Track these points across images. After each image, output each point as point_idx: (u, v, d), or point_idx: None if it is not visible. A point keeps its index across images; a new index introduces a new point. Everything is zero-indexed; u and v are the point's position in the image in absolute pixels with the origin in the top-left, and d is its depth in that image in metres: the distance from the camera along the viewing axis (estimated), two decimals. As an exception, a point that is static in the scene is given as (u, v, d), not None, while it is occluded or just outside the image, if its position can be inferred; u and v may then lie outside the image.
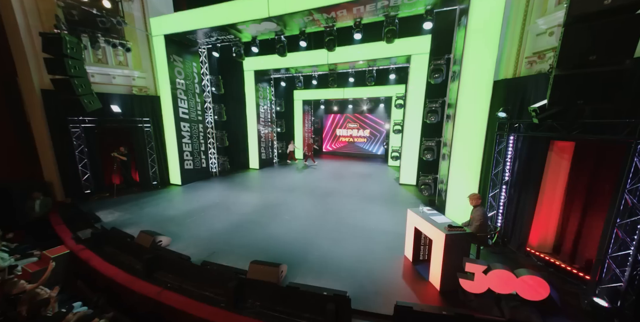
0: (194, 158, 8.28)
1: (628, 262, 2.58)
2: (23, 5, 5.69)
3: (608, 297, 2.69)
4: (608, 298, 2.69)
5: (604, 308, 2.67)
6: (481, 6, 4.25)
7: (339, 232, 4.67)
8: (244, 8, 5.88)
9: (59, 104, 6.03)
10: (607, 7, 2.15)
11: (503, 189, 4.14)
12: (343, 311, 2.71)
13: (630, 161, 2.55)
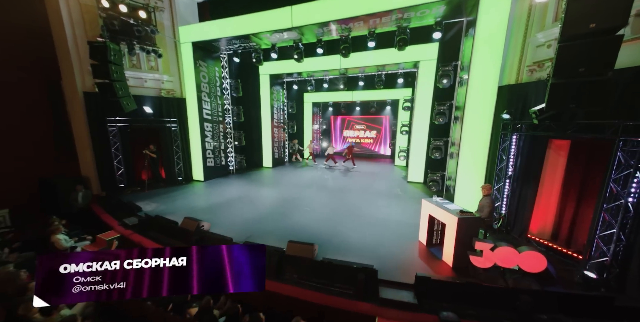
0: (215, 156, 8.84)
1: (612, 240, 3.06)
2: (71, 17, 6.30)
3: (596, 270, 3.17)
4: (596, 271, 3.17)
5: (593, 279, 3.15)
6: (488, 19, 4.77)
7: (356, 222, 5.16)
8: (269, 19, 6.46)
9: (99, 105, 6.62)
10: (592, 30, 2.67)
11: (507, 182, 4.63)
12: (371, 280, 3.21)
13: (614, 155, 3.05)
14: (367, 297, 3.10)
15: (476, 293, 3.03)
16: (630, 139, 2.94)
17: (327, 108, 15.39)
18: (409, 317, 2.83)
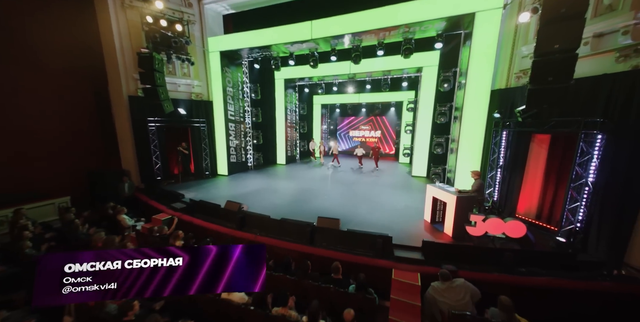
0: (237, 153, 9.75)
1: (577, 211, 3.90)
2: (119, 31, 7.26)
3: (566, 236, 4.01)
4: (566, 237, 4.00)
5: (563, 243, 3.98)
6: (482, 34, 5.64)
7: (370, 207, 6.01)
8: (291, 32, 7.37)
9: (141, 107, 7.54)
10: (557, 49, 3.53)
11: (498, 171, 5.47)
12: (387, 244, 4.06)
13: (578, 145, 3.90)
14: (385, 256, 3.95)
15: (470, 253, 3.88)
16: (589, 132, 3.79)
17: (334, 109, 16.28)
18: (418, 268, 3.67)
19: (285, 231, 4.69)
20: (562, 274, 3.46)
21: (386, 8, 6.31)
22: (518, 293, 3.04)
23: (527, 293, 3.23)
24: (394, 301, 3.32)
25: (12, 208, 5.33)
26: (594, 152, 3.76)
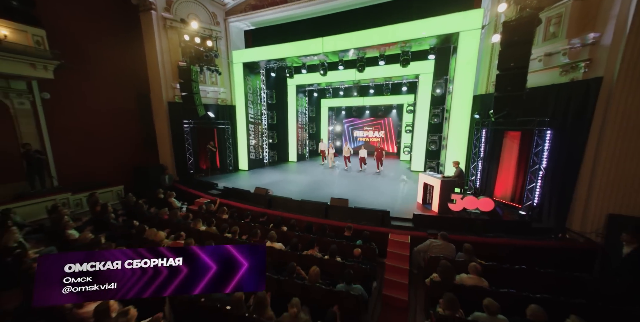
0: (255, 151, 11.05)
1: (534, 190, 5.02)
2: (161, 47, 8.65)
3: (526, 210, 5.13)
4: (526, 211, 5.12)
5: (524, 215, 5.10)
6: (465, 49, 6.79)
7: (373, 193, 7.18)
8: (305, 46, 8.66)
9: (178, 111, 8.91)
10: (513, 66, 4.69)
11: (479, 162, 6.60)
12: (386, 217, 5.24)
13: (533, 138, 5.03)
14: (384, 225, 5.13)
15: (450, 223, 5.03)
16: (541, 128, 4.92)
17: (340, 112, 17.52)
18: (408, 233, 4.84)
19: (304, 209, 5.91)
20: (519, 236, 4.58)
21: (386, 27, 7.53)
22: (485, 250, 4.15)
23: (493, 250, 4.34)
24: (390, 253, 4.51)
25: (86, 193, 6.70)
26: (545, 144, 4.89)
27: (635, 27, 3.76)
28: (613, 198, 4.22)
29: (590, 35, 4.21)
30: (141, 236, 4.45)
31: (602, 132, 4.18)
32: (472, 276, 3.28)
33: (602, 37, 4.17)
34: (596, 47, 4.26)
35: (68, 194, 6.63)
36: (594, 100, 4.22)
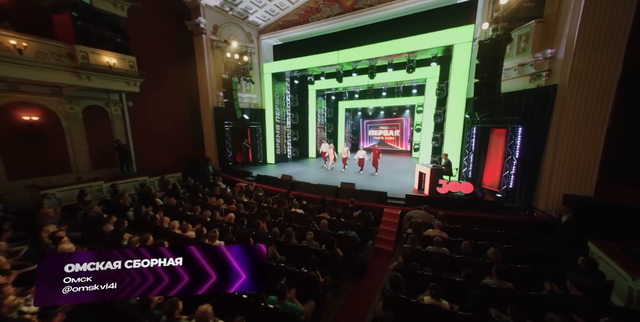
0: (280, 147, 12.92)
1: (509, 177, 6.09)
2: (209, 63, 10.82)
3: (504, 194, 6.20)
4: (503, 194, 6.20)
5: (499, 197, 6.18)
6: (459, 58, 7.89)
7: (378, 182, 8.54)
8: (323, 58, 10.26)
9: (221, 114, 11.02)
10: (486, 76, 5.85)
11: (471, 155, 7.67)
12: (383, 196, 6.63)
13: (508, 134, 6.10)
14: (381, 202, 6.53)
15: (435, 201, 6.28)
16: (514, 126, 5.99)
17: (357, 113, 18.87)
18: (400, 208, 6.19)
19: (320, 190, 7.49)
20: (492, 213, 5.72)
21: (392, 41, 8.86)
22: (463, 223, 5.31)
23: (469, 222, 5.48)
24: (384, 221, 5.93)
25: (159, 176, 8.97)
26: (517, 138, 5.95)
27: (579, 44, 4.80)
28: (567, 181, 5.24)
29: (548, 51, 5.26)
30: (205, 202, 6.38)
31: (559, 128, 5.21)
32: (435, 230, 4.62)
33: (557, 52, 5.21)
34: (554, 60, 5.30)
35: (145, 176, 8.92)
36: (552, 102, 5.26)
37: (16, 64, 6.21)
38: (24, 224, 5.35)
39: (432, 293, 2.75)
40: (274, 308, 2.67)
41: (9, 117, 7.02)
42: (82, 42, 7.40)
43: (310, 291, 3.34)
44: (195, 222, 4.96)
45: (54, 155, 7.83)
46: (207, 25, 10.52)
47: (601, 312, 2.39)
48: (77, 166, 8.25)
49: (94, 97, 8.55)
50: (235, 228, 4.70)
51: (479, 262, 3.59)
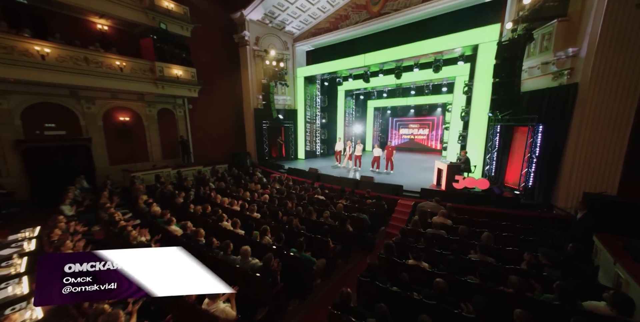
0: (310, 144, 14.10)
1: (529, 174, 6.16)
2: (251, 69, 12.45)
3: (523, 190, 6.29)
4: (522, 191, 6.28)
5: (517, 194, 6.28)
6: (483, 57, 7.91)
7: (399, 178, 9.04)
8: (351, 61, 11.03)
9: (260, 114, 12.61)
10: (504, 76, 6.02)
11: (494, 153, 7.71)
12: (399, 189, 7.23)
13: (528, 132, 6.16)
14: (397, 194, 7.15)
15: (450, 195, 6.65)
16: (535, 124, 6.04)
17: (386, 111, 19.08)
18: (413, 200, 6.73)
19: (341, 182, 8.37)
20: (508, 208, 5.91)
21: (417, 43, 9.20)
22: (478, 216, 5.65)
23: (480, 216, 5.79)
24: (397, 211, 6.57)
25: (211, 166, 10.88)
26: (538, 136, 5.99)
27: (601, 42, 4.80)
28: (589, 179, 5.22)
29: (570, 50, 5.27)
30: (246, 187, 7.81)
31: (580, 126, 5.22)
32: (440, 217, 5.17)
33: (579, 50, 5.20)
34: (576, 59, 5.28)
35: (200, 166, 10.89)
36: (572, 101, 5.28)
37: (119, 78, 8.44)
38: (124, 196, 7.43)
39: (413, 256, 3.48)
40: (294, 255, 3.72)
41: (111, 119, 9.46)
42: (159, 59, 9.50)
43: (323, 252, 4.31)
44: (239, 200, 6.32)
45: (137, 147, 10.19)
46: (251, 37, 12.14)
47: (553, 280, 2.85)
48: (153, 156, 10.56)
49: (165, 102, 10.77)
50: (269, 206, 5.92)
51: (470, 243, 4.12)
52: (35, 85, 7.39)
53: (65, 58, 7.33)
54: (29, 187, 7.66)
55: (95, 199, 6.89)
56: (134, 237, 4.09)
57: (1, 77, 6.54)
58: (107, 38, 9.20)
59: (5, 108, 7.22)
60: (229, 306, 2.80)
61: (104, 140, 9.23)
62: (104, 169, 9.18)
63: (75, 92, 8.41)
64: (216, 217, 5.03)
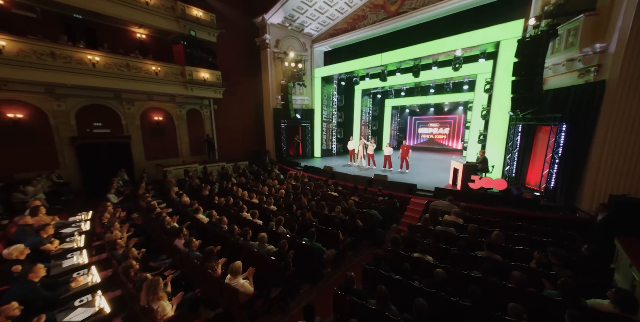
0: (326, 143, 14.40)
1: (550, 175, 5.94)
2: (270, 71, 13.02)
3: (544, 192, 6.08)
4: (543, 192, 6.08)
5: (538, 196, 6.08)
6: (504, 55, 7.65)
7: (414, 177, 9.04)
8: (368, 61, 11.13)
9: (278, 114, 13.15)
10: (524, 74, 5.85)
11: (515, 154, 7.46)
12: (413, 188, 7.28)
13: (550, 131, 5.93)
14: (411, 192, 7.21)
15: (465, 194, 6.60)
16: (557, 123, 5.80)
17: (404, 110, 18.79)
18: (426, 199, 6.77)
19: (355, 180, 8.58)
20: (527, 210, 5.77)
21: (436, 41, 9.09)
22: (494, 216, 5.53)
23: (499, 217, 5.68)
24: (409, 209, 6.66)
25: (233, 163, 11.61)
26: (561, 136, 5.76)
27: (632, 36, 4.54)
28: (616, 181, 4.96)
29: (597, 45, 5.02)
30: (265, 182, 8.32)
31: (608, 125, 4.97)
32: (452, 216, 5.22)
33: (608, 46, 4.93)
34: (604, 55, 5.01)
35: (224, 163, 11.67)
36: (599, 99, 5.04)
37: (155, 82, 9.36)
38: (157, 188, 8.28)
39: (419, 249, 3.66)
40: (305, 243, 4.06)
41: (147, 118, 10.49)
42: (189, 63, 10.33)
43: (333, 243, 4.61)
44: (258, 194, 6.81)
45: (169, 144, 11.19)
46: (271, 40, 12.69)
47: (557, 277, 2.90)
48: (182, 152, 11.53)
49: (193, 103, 11.68)
50: (285, 200, 6.33)
51: (479, 241, 4.17)
52: (86, 89, 8.48)
53: (111, 65, 8.32)
54: (80, 178, 8.83)
55: (134, 189, 7.79)
56: (168, 222, 4.69)
57: (62, 83, 7.63)
58: (145, 45, 10.21)
59: (64, 109, 8.38)
60: (248, 282, 3.21)
61: (141, 137, 10.28)
62: (140, 163, 10.23)
63: (118, 95, 9.48)
64: (237, 208, 5.53)
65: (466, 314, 2.58)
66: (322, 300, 3.58)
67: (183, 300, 3.07)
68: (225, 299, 3.25)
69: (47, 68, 7.13)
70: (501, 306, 2.67)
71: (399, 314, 2.55)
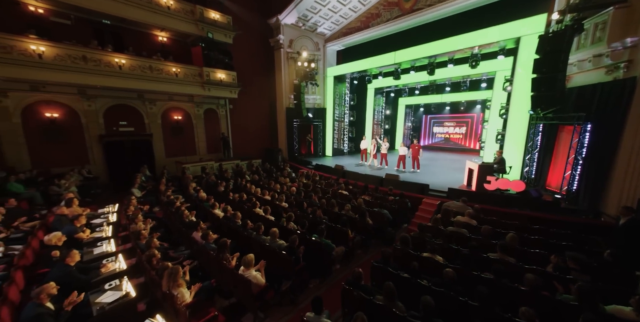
0: (338, 142, 14.43)
1: (572, 177, 5.66)
2: (283, 71, 13.22)
3: (566, 193, 5.80)
4: (565, 194, 5.80)
5: (559, 198, 5.81)
6: (524, 52, 7.34)
7: (427, 177, 8.89)
8: (381, 59, 11.03)
9: (291, 113, 13.34)
10: (545, 71, 5.60)
11: (535, 154, 7.15)
12: (425, 188, 7.19)
13: (574, 130, 5.64)
14: (423, 192, 7.13)
15: (479, 195, 6.43)
16: (581, 123, 5.51)
17: (418, 109, 18.40)
18: (439, 199, 6.66)
19: (367, 179, 8.58)
20: (547, 213, 5.53)
21: (451, 38, 8.86)
22: (510, 218, 5.34)
23: (516, 219, 5.48)
24: (420, 209, 6.59)
25: (247, 161, 11.95)
26: (585, 136, 5.47)
27: (668, 30, 4.24)
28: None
29: (628, 40, 4.71)
30: (277, 180, 8.52)
31: (638, 125, 4.67)
32: (465, 217, 5.13)
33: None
34: (636, 50, 4.70)
35: (238, 160, 12.05)
36: (628, 97, 4.74)
37: (175, 83, 9.83)
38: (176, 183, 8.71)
39: (428, 249, 3.65)
40: (315, 240, 4.17)
41: (167, 118, 11.03)
42: (206, 64, 10.73)
43: (342, 241, 4.69)
44: (270, 191, 7.01)
45: (187, 142, 11.70)
46: (285, 40, 12.88)
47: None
48: (199, 150, 12.01)
49: (210, 102, 12.12)
50: (296, 197, 6.47)
51: (492, 243, 4.09)
52: (113, 90, 9.06)
53: (136, 67, 8.84)
54: (107, 173, 9.47)
55: (155, 185, 8.26)
56: (187, 216, 4.97)
57: (92, 84, 8.22)
58: (166, 48, 10.73)
59: (94, 109, 9.01)
60: (260, 274, 3.37)
61: (162, 135, 10.83)
62: (161, 160, 10.79)
63: (141, 95, 10.04)
64: (250, 204, 5.74)
65: (473, 313, 2.58)
66: (330, 296, 3.67)
67: (200, 289, 3.28)
68: (239, 290, 3.42)
69: (79, 71, 7.71)
70: (513, 308, 2.64)
71: (405, 310, 2.59)
